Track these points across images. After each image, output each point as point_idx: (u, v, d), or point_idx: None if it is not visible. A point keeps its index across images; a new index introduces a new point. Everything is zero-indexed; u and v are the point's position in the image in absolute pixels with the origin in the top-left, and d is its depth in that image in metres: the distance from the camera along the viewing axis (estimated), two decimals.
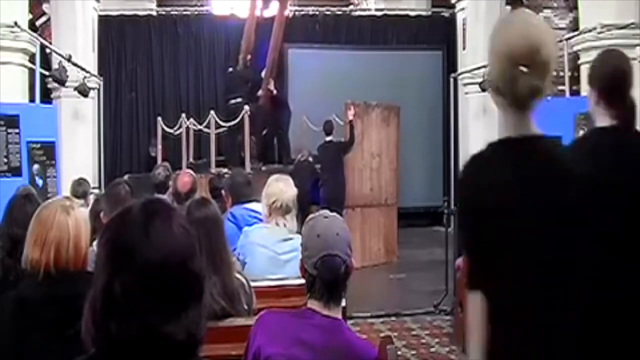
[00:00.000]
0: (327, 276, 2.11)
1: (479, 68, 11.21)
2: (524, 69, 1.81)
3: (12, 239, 2.94)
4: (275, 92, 11.81)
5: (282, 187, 3.62)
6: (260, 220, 3.89)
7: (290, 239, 3.53)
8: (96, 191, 6.09)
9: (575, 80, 9.51)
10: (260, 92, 11.83)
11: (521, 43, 1.84)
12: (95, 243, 3.17)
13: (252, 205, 4.23)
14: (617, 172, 2.20)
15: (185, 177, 5.43)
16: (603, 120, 2.37)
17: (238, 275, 2.91)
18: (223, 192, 4.76)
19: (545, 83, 1.86)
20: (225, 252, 2.89)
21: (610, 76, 2.37)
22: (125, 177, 8.19)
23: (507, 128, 1.91)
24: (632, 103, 2.41)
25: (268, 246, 3.55)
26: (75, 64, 9.80)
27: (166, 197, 5.08)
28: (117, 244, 1.26)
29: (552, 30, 2.13)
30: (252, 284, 3.01)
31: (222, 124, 11.18)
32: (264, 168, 10.74)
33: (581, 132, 7.71)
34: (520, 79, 1.83)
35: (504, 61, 1.87)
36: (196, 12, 13.56)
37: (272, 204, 3.59)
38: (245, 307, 2.85)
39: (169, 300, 1.23)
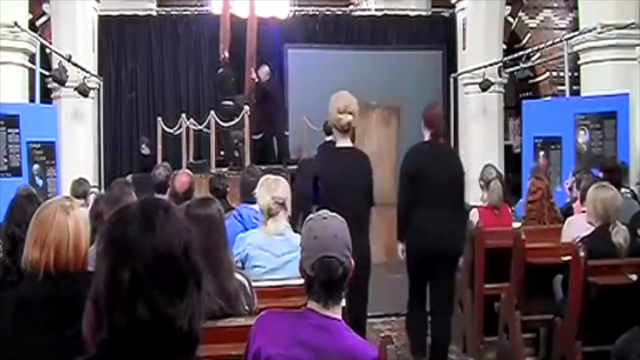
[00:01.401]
0: (324, 277, 2.12)
1: (479, 68, 11.22)
2: (345, 115, 4.36)
3: (12, 238, 2.94)
4: (257, 79, 11.86)
5: (262, 190, 3.70)
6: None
7: (286, 239, 3.59)
8: (96, 191, 6.08)
9: (575, 80, 9.51)
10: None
11: (342, 103, 4.38)
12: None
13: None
14: (427, 164, 4.79)
15: (182, 177, 5.43)
16: (426, 136, 4.92)
17: (238, 276, 2.90)
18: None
19: (354, 120, 4.42)
20: (224, 252, 2.87)
21: (429, 116, 4.93)
22: (128, 177, 8.18)
23: (337, 142, 4.52)
24: (440, 130, 4.94)
25: (266, 248, 3.59)
26: (75, 64, 9.81)
27: (165, 197, 5.07)
28: (116, 236, 1.29)
29: (355, 99, 4.48)
30: (253, 284, 3.01)
31: (221, 124, 11.19)
32: (263, 167, 10.73)
33: (581, 132, 7.75)
34: (342, 119, 4.38)
35: (334, 112, 4.38)
36: (196, 12, 13.54)
37: (260, 205, 3.72)
38: (247, 307, 2.84)
39: (173, 284, 1.27)
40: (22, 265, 2.25)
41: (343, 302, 2.24)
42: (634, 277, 3.97)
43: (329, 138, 10.21)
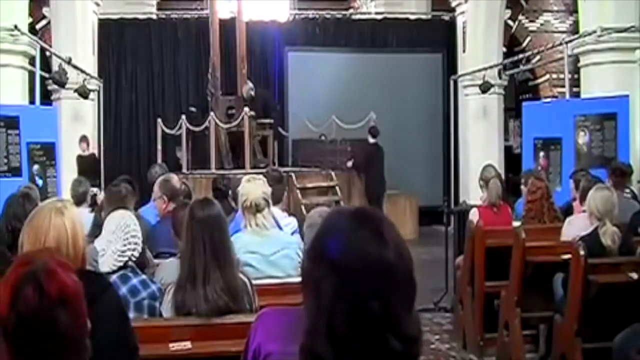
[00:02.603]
0: None
1: (479, 70, 11.23)
2: None
3: (13, 233, 2.93)
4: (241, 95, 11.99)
5: (251, 186, 3.71)
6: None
7: (274, 237, 3.62)
8: (95, 190, 6.05)
9: (575, 82, 9.51)
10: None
11: None
12: (96, 241, 3.15)
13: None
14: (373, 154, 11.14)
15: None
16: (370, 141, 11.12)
17: (240, 275, 2.93)
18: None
19: None
20: (228, 250, 2.91)
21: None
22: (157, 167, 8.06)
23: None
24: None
25: (255, 250, 3.58)
26: (75, 67, 9.81)
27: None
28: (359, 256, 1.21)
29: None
30: (253, 282, 3.03)
31: (222, 125, 11.24)
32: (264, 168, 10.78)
33: (581, 133, 7.74)
34: None
35: None
36: (196, 16, 13.57)
37: (243, 204, 3.68)
38: (247, 306, 2.86)
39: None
40: None
41: None
42: (634, 275, 3.97)
43: (373, 140, 10.96)
